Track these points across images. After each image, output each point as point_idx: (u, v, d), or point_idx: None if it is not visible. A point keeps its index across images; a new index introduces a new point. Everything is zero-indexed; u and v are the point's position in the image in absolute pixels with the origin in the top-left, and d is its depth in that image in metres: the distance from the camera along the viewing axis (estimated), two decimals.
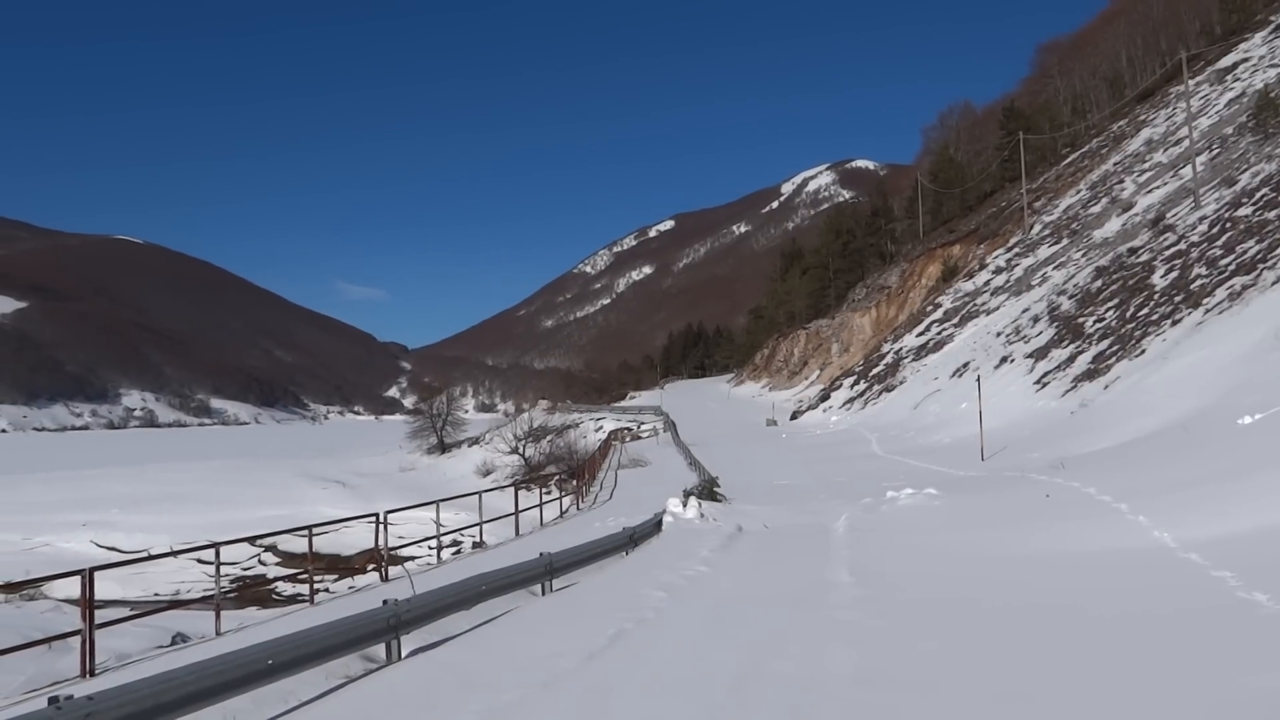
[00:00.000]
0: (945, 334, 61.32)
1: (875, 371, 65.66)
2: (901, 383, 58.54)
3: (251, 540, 24.19)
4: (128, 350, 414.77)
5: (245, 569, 38.20)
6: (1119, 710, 6.06)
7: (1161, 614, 8.56)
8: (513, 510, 21.92)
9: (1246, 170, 41.79)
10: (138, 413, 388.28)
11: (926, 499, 18.67)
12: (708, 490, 21.88)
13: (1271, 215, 31.50)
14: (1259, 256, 29.09)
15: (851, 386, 67.15)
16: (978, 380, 35.28)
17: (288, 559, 37.58)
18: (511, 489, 24.49)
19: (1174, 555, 10.79)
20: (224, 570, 19.11)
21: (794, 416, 69.10)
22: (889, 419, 49.66)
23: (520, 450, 54.98)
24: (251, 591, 30.67)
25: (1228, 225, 34.78)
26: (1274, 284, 26.02)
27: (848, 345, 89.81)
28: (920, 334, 65.60)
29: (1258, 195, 34.98)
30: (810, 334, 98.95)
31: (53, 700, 5.98)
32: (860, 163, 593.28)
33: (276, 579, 31.44)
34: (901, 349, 65.80)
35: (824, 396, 70.57)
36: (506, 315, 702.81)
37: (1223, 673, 6.65)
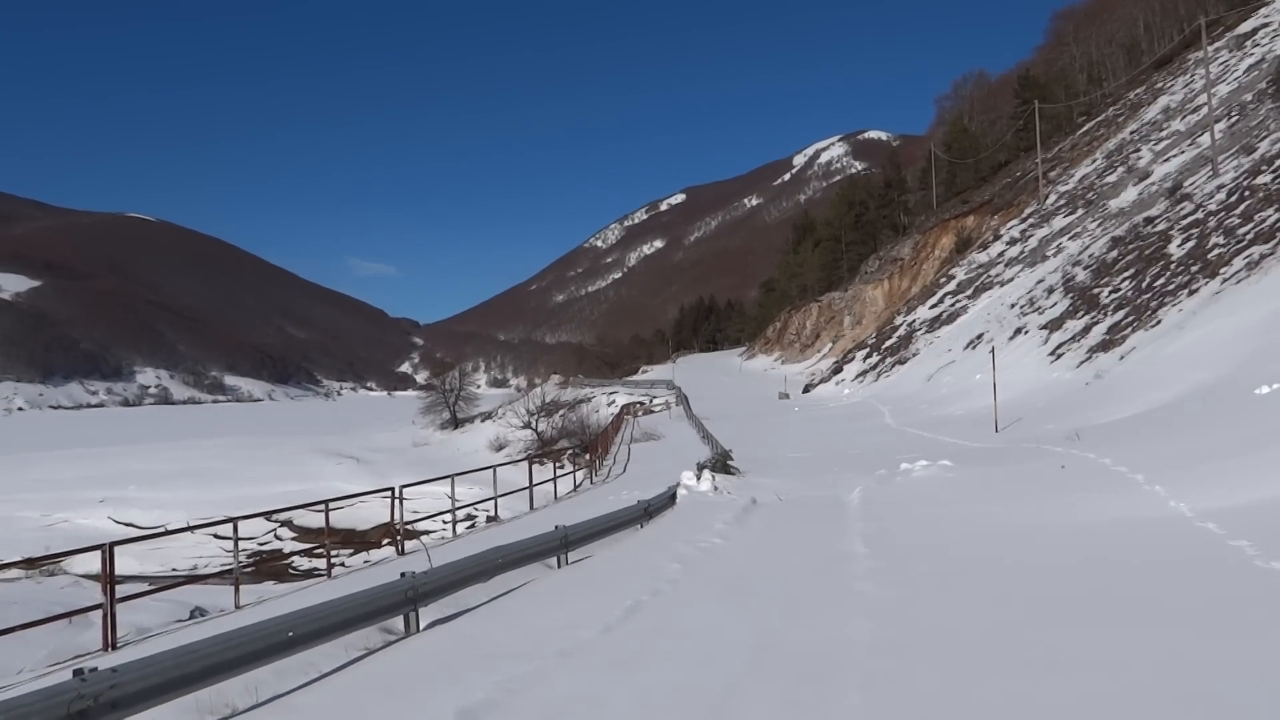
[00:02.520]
0: (959, 306, 61.05)
1: (888, 344, 65.50)
2: (914, 355, 58.40)
3: (268, 515, 24.40)
4: (141, 328, 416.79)
5: (262, 544, 38.51)
6: (1135, 678, 6.06)
7: (1179, 584, 8.55)
8: (527, 484, 21.99)
9: (1266, 138, 41.29)
10: (152, 390, 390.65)
11: (941, 471, 18.65)
12: (721, 463, 21.91)
13: None
14: (1278, 225, 28.81)
15: (864, 359, 67.06)
16: (992, 352, 35.15)
17: (304, 534, 37.86)
18: (525, 463, 24.57)
19: (1191, 525, 10.76)
20: (241, 545, 19.29)
21: (806, 390, 69.14)
22: (902, 391, 49.59)
23: (533, 425, 55.12)
24: (269, 566, 30.95)
25: (1246, 193, 34.42)
26: None
27: (860, 318, 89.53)
28: (933, 306, 65.36)
29: (1277, 163, 34.58)
30: (822, 307, 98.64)
31: (77, 673, 6.06)
32: (873, 134, 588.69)
33: (293, 553, 31.67)
34: (914, 321, 65.58)
35: (836, 369, 70.56)
36: (518, 290, 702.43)
37: (1243, 641, 6.64)
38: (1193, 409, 18.70)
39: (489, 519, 24.82)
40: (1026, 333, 43.04)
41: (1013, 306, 49.75)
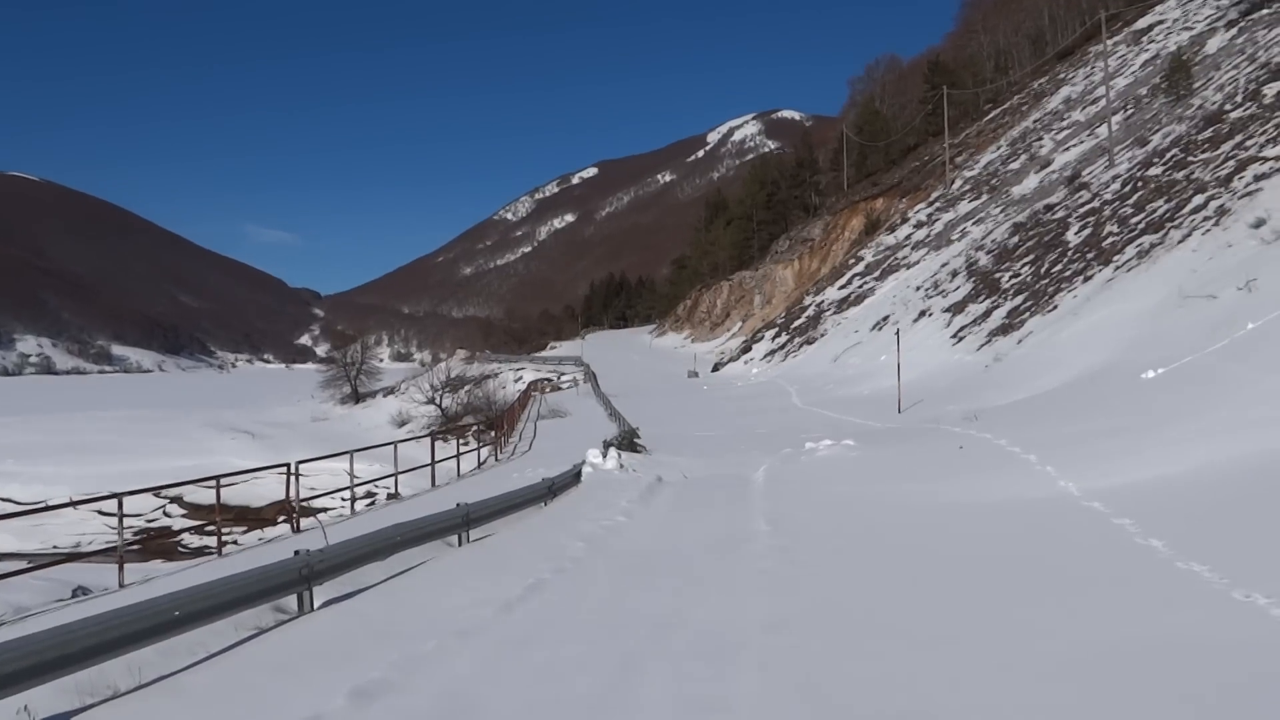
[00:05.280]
0: (866, 287, 62.34)
1: (797, 324, 66.56)
2: (822, 335, 59.49)
3: (156, 491, 23.67)
4: (22, 293, 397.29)
5: (150, 521, 37.37)
6: (1021, 654, 6.35)
7: (1064, 561, 8.96)
8: (429, 461, 21.79)
9: (1159, 131, 43.08)
10: (33, 359, 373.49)
11: (844, 450, 19.10)
12: (628, 441, 22.03)
13: (1180, 176, 32.58)
14: (1167, 216, 30.12)
15: (773, 339, 68.02)
16: (897, 333, 36.04)
17: (194, 511, 36.84)
18: (428, 440, 24.32)
19: (1078, 504, 11.25)
20: (127, 522, 18.62)
21: (715, 368, 69.84)
22: (810, 371, 50.50)
23: (437, 400, 54.57)
24: (156, 544, 30.05)
25: (1139, 184, 35.88)
26: (1180, 242, 26.99)
27: (770, 297, 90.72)
28: (842, 287, 66.59)
29: (1168, 155, 36.11)
30: (733, 285, 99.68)
31: None
32: (786, 113, 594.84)
33: (183, 531, 30.84)
34: (823, 302, 66.75)
35: (745, 348, 71.42)
36: (424, 262, 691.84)
37: (1118, 615, 7.00)
38: (1084, 392, 19.52)
39: (389, 496, 24.55)
40: (930, 315, 44.23)
41: (918, 289, 51.03)
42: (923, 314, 45.43)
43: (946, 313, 42.45)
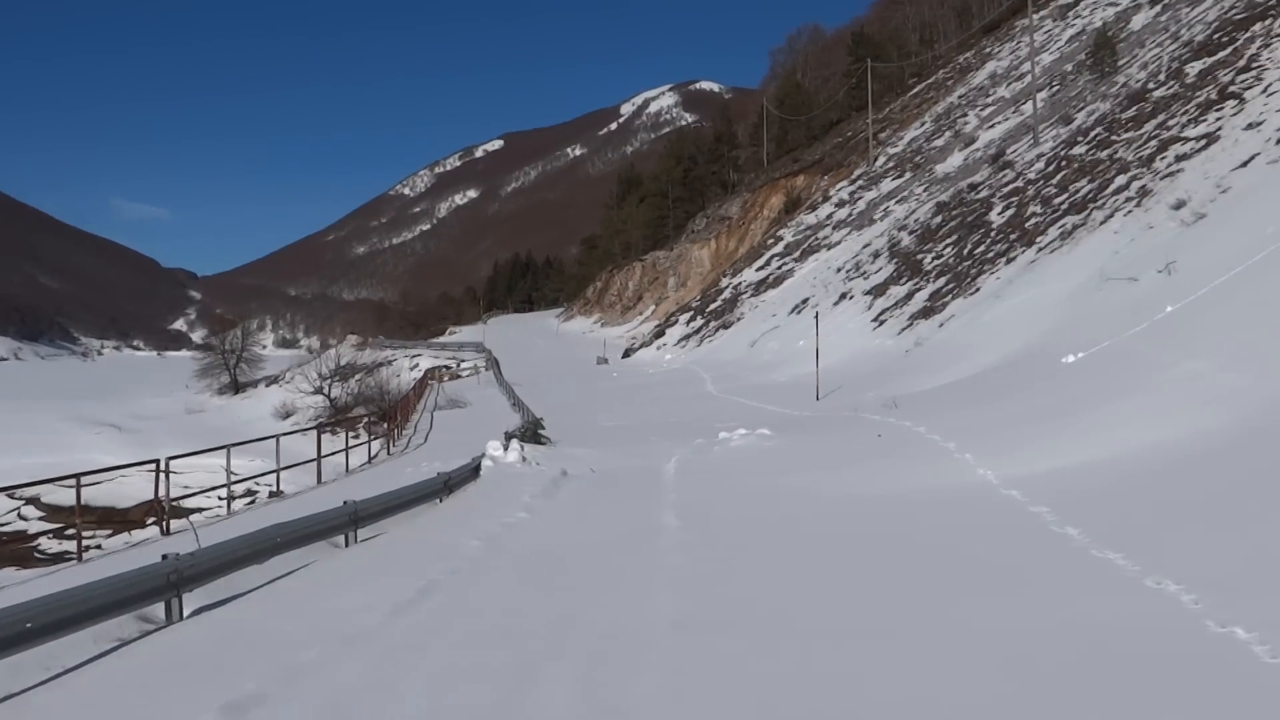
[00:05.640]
0: (786, 269, 63.17)
1: (713, 307, 67.10)
2: (739, 319, 60.11)
3: (9, 491, 22.78)
4: None
5: (2, 525, 35.99)
6: (936, 646, 6.55)
7: (980, 550, 9.27)
8: (315, 456, 21.45)
9: (1083, 109, 44.58)
10: None
11: (759, 440, 19.38)
12: (531, 432, 21.99)
13: (1104, 155, 33.78)
14: (1090, 196, 31.21)
15: (687, 323, 68.48)
16: (816, 317, 36.65)
17: (53, 513, 35.57)
18: (314, 432, 23.92)
19: (997, 492, 11.65)
20: None
21: (626, 354, 70.19)
22: (725, 357, 51.03)
23: (325, 390, 53.66)
24: (9, 549, 29.00)
25: (1063, 164, 37.09)
26: (1102, 224, 28.02)
27: (685, 279, 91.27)
28: (760, 268, 67.35)
29: (1092, 134, 37.39)
30: (646, 266, 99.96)
31: None
32: (705, 85, 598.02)
33: (39, 535, 29.75)
34: (740, 284, 67.42)
35: (658, 333, 71.84)
36: (313, 240, 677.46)
37: (1030, 606, 7.28)
38: (1005, 377, 20.18)
39: (271, 494, 24.06)
40: (851, 298, 45.08)
41: (839, 271, 51.95)
42: (843, 296, 46.28)
43: (868, 295, 43.31)
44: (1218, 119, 27.76)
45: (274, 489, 21.60)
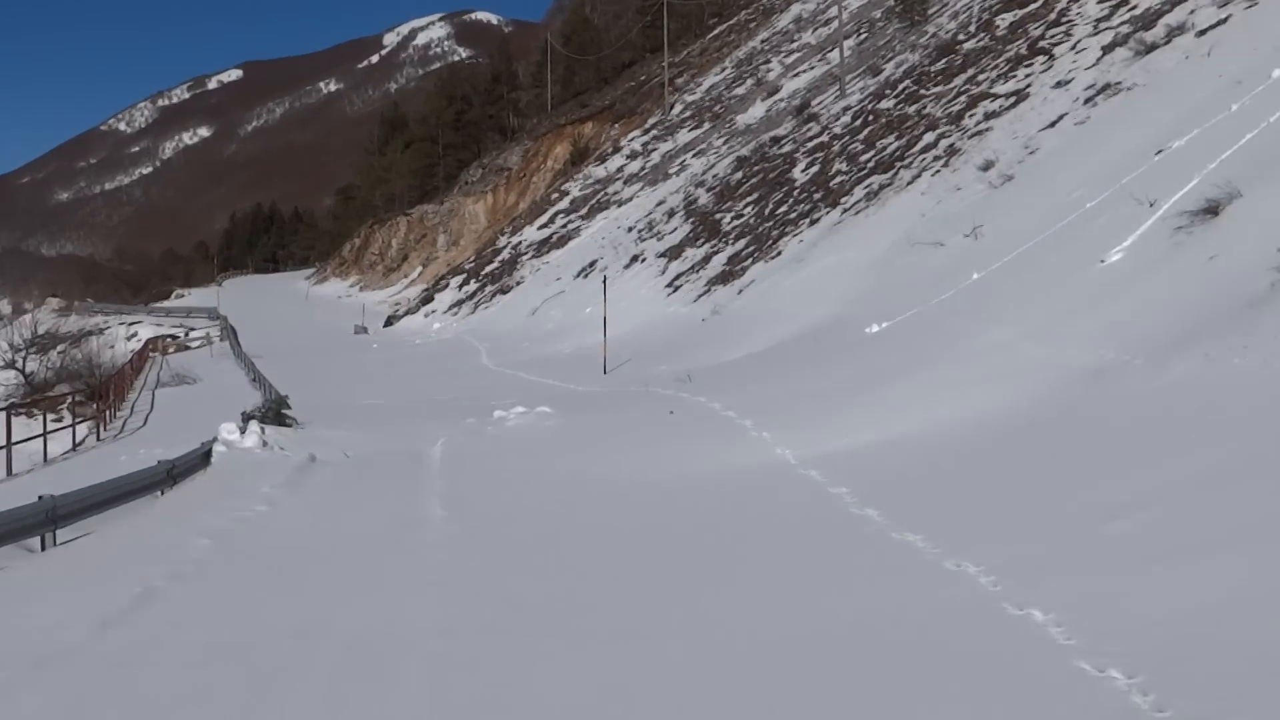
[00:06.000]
0: (572, 227, 63.66)
1: (489, 269, 66.99)
2: (519, 283, 60.29)
3: None
4: None
5: None
6: (726, 636, 6.75)
7: (776, 535, 9.64)
8: (3, 443, 20.13)
9: (892, 59, 46.79)
10: None
11: (539, 418, 19.47)
12: (274, 413, 21.35)
13: (911, 110, 35.59)
14: (897, 154, 32.85)
15: (460, 287, 68.24)
16: (604, 282, 37.11)
17: None
18: (3, 415, 22.40)
19: (795, 472, 12.13)
20: None
21: (389, 322, 69.85)
22: (503, 326, 51.13)
23: (18, 364, 50.27)
24: None
25: (870, 118, 38.84)
26: (909, 184, 29.57)
27: (458, 237, 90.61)
28: (543, 226, 67.64)
29: (900, 87, 39.32)
30: (413, 222, 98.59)
31: None
32: (481, 15, 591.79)
33: None
34: (521, 243, 67.52)
35: (427, 299, 71.45)
36: (3, 183, 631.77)
37: (828, 593, 7.62)
38: (805, 349, 21.05)
39: None
40: (644, 261, 45.87)
41: (630, 230, 52.75)
42: (635, 259, 47.04)
43: (662, 258, 44.17)
44: (1027, 75, 29.72)
45: None
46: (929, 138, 31.75)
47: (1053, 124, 25.29)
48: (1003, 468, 10.45)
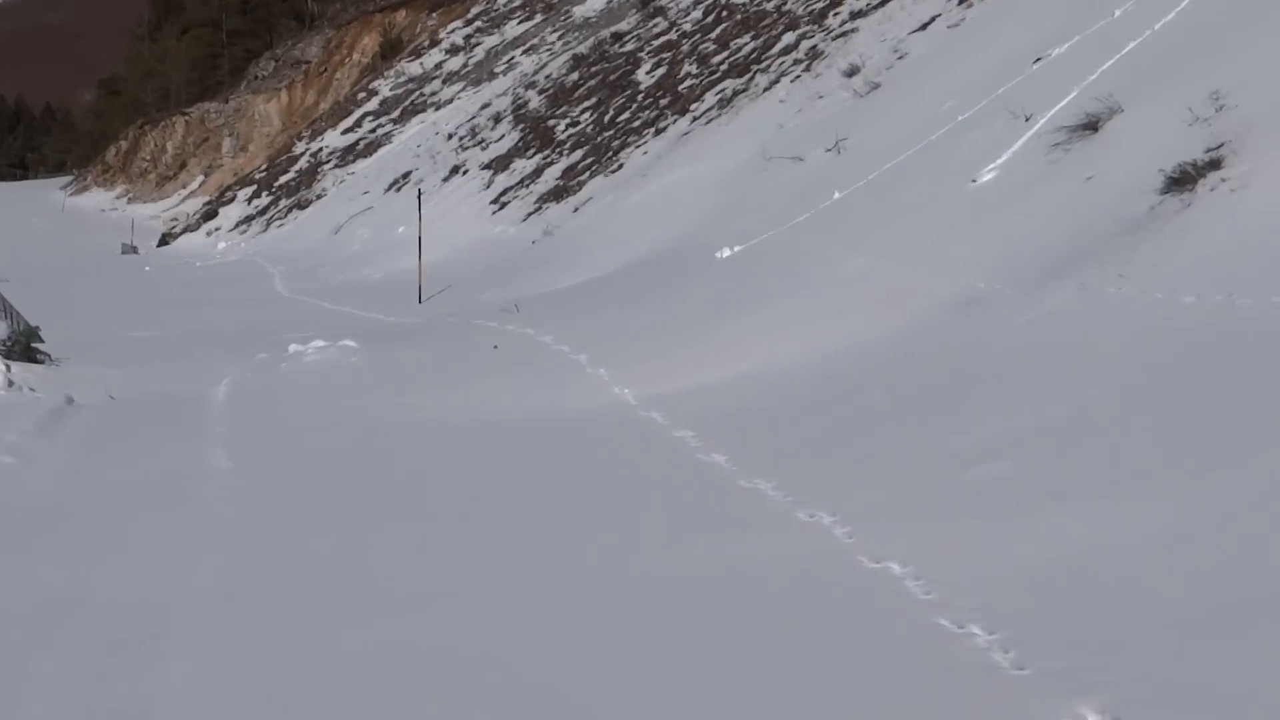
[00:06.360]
0: (382, 132, 62.74)
1: (284, 180, 65.78)
2: (320, 197, 59.31)
3: None
4: None
5: None
6: (562, 596, 6.78)
7: (614, 486, 9.70)
8: None
9: None
10: None
11: (342, 354, 19.16)
12: (22, 347, 20.59)
13: (770, 6, 35.87)
14: (754, 56, 33.10)
15: (249, 201, 67.13)
16: (419, 196, 36.58)
17: None
18: None
19: (636, 414, 12.22)
20: None
21: (164, 241, 68.82)
22: (301, 246, 50.34)
23: None
24: None
25: (724, 14, 39.01)
26: (766, 90, 29.84)
27: (246, 142, 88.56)
28: (348, 131, 66.57)
29: None
30: (192, 123, 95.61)
31: None
32: None
33: None
34: (322, 150, 66.35)
35: (210, 214, 70.19)
36: None
37: (676, 548, 7.70)
38: (649, 275, 21.14)
39: None
40: (466, 173, 45.38)
41: (450, 138, 52.11)
42: (456, 171, 46.51)
43: (487, 170, 43.74)
44: None
45: None
46: (789, 38, 32.03)
47: (924, 26, 25.74)
48: (861, 408, 10.71)
